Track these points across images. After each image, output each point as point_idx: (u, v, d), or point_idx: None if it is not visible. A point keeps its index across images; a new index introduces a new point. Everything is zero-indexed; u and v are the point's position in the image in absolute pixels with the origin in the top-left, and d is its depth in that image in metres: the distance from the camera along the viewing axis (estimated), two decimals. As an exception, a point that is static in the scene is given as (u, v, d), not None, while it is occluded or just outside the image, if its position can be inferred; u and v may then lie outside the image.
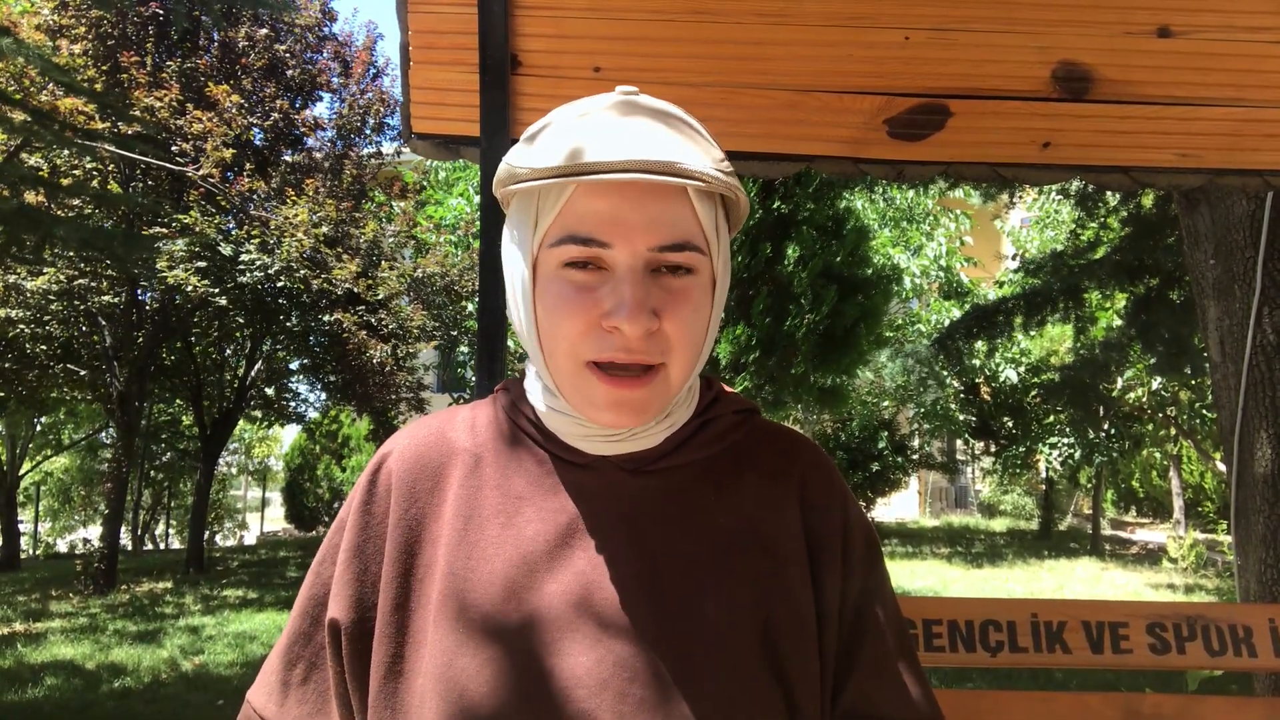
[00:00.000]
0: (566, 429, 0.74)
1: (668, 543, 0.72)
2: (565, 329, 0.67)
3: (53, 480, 18.74)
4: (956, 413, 15.34)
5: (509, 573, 0.70)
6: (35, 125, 5.75)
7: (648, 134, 0.66)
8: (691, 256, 0.68)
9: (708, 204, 0.70)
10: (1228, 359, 3.34)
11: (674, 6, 1.61)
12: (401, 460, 0.77)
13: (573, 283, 0.67)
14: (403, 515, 0.74)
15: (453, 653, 0.68)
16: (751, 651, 0.70)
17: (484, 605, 0.69)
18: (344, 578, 0.74)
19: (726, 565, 0.73)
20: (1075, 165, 1.67)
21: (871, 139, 1.64)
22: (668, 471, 0.75)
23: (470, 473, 0.76)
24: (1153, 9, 1.63)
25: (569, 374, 0.69)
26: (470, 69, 1.57)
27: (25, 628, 7.63)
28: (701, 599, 0.70)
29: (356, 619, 0.73)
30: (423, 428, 0.80)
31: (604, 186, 0.66)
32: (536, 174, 0.67)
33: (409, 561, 0.73)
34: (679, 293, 0.68)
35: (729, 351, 8.02)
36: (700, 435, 0.77)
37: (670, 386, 0.70)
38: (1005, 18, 1.62)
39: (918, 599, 1.97)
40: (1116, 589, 9.89)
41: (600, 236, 0.66)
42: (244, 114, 9.92)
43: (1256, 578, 3.23)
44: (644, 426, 0.73)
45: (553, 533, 0.72)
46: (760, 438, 0.81)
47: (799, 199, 8.32)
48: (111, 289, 9.86)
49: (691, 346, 0.70)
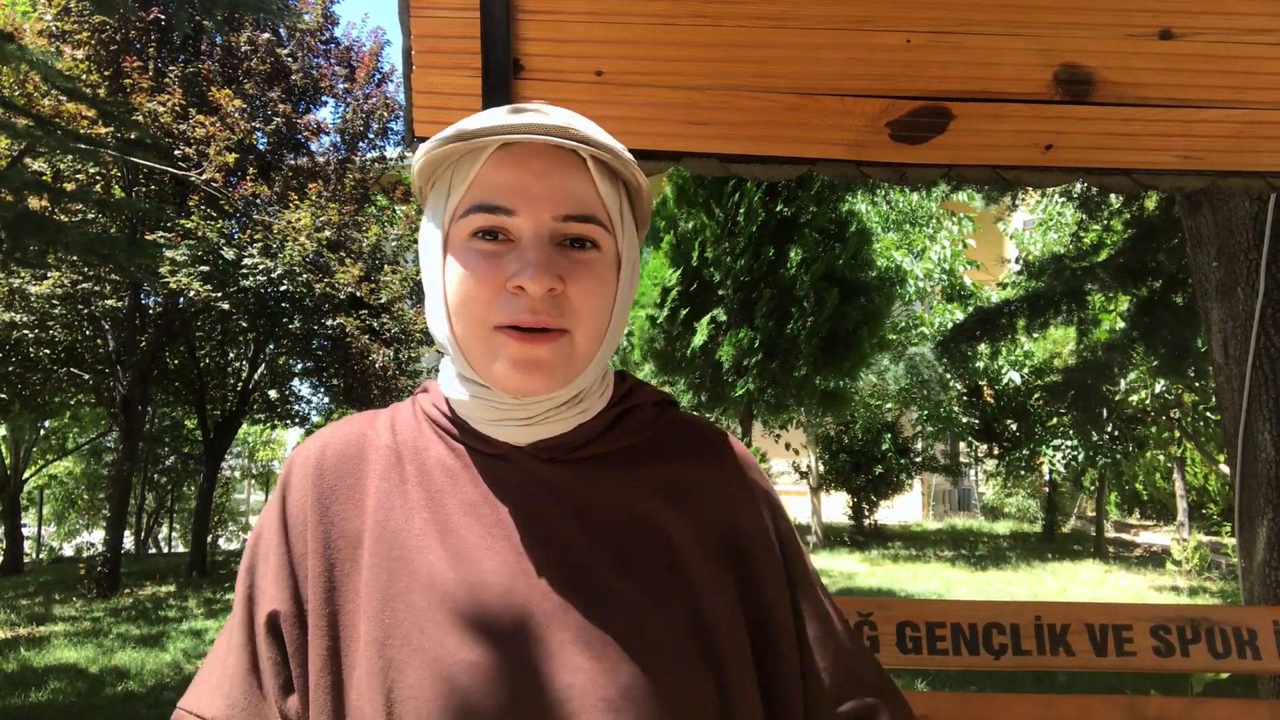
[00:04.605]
0: (479, 415, 0.74)
1: (587, 533, 0.73)
2: (473, 294, 0.69)
3: (56, 484, 18.76)
4: (959, 415, 15.33)
5: (433, 566, 0.70)
6: (38, 131, 5.77)
7: (549, 110, 0.71)
8: (595, 230, 0.70)
9: (611, 186, 0.73)
10: (1231, 361, 3.34)
11: (676, 10, 1.61)
12: (321, 458, 0.77)
13: (480, 251, 0.69)
14: (325, 512, 0.75)
15: (382, 644, 0.68)
16: (678, 640, 0.70)
17: (410, 598, 0.69)
18: (278, 572, 0.74)
19: (647, 555, 0.73)
20: (1077, 167, 1.67)
21: (873, 142, 1.64)
22: (585, 462, 0.76)
23: (390, 469, 0.76)
24: (1154, 11, 1.63)
25: (479, 340, 0.70)
26: (473, 73, 1.57)
27: (28, 631, 7.63)
28: (623, 589, 0.71)
29: (295, 611, 0.73)
30: (343, 427, 0.81)
31: (510, 158, 0.69)
32: (439, 141, 0.69)
33: (332, 557, 0.73)
34: (583, 263, 0.70)
35: (731, 354, 8.02)
36: (617, 427, 0.78)
37: (576, 354, 0.71)
38: (1007, 20, 1.62)
39: (921, 602, 1.97)
40: (1120, 591, 9.87)
41: (505, 204, 0.69)
42: (247, 118, 9.95)
43: (1261, 580, 3.22)
44: (554, 408, 0.73)
45: (474, 525, 0.72)
46: (678, 429, 0.82)
47: (801, 202, 8.33)
48: (115, 293, 9.88)
49: (596, 317, 0.71)
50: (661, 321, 8.17)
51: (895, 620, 1.85)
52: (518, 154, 0.69)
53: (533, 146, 0.69)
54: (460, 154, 0.71)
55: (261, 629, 0.73)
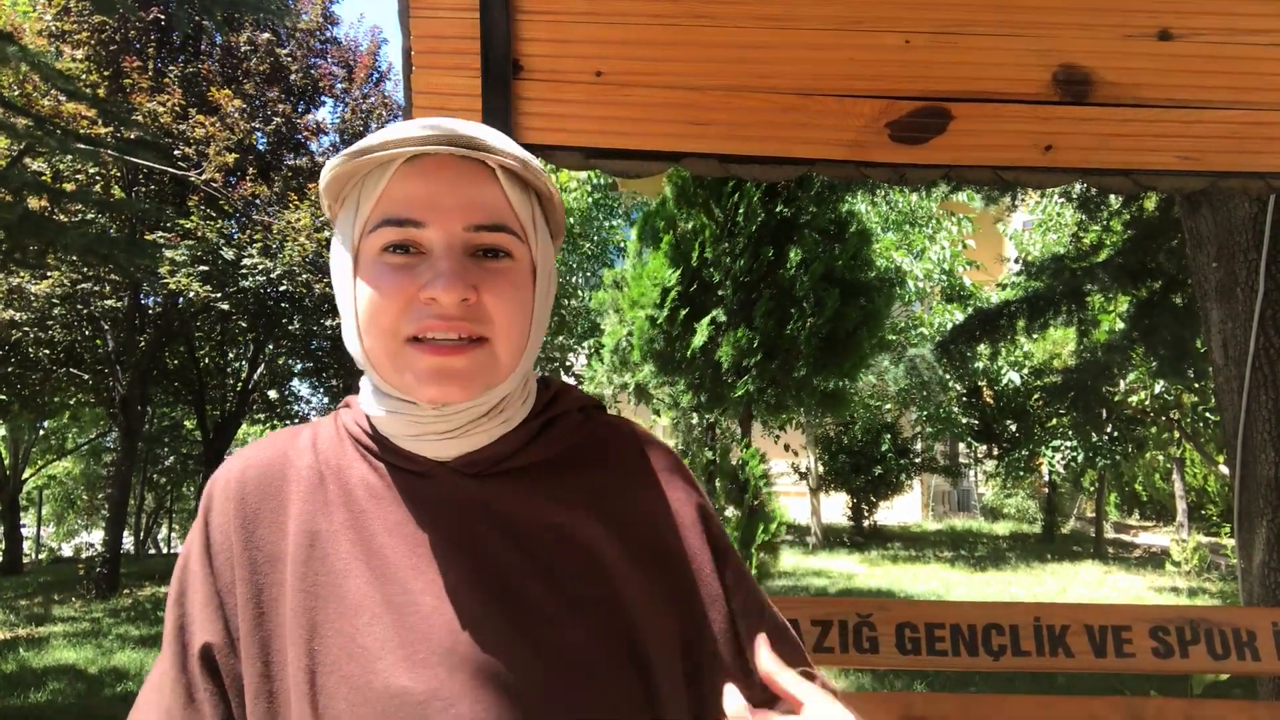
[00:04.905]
0: (399, 430, 0.73)
1: (512, 547, 0.72)
2: (384, 307, 0.68)
3: (55, 484, 18.77)
4: (959, 416, 15.33)
5: (360, 590, 0.70)
6: (38, 131, 5.78)
7: (455, 122, 0.70)
8: (507, 239, 0.70)
9: (522, 195, 0.73)
10: (1230, 362, 3.34)
11: (675, 10, 1.61)
12: (243, 481, 0.76)
13: (390, 264, 0.69)
14: (249, 536, 0.74)
15: (312, 672, 0.68)
16: (606, 648, 0.70)
17: (338, 624, 0.69)
18: (207, 602, 0.73)
19: (573, 567, 0.73)
20: (1077, 168, 1.67)
21: (873, 142, 1.64)
22: (509, 475, 0.75)
23: (313, 490, 0.75)
24: (1153, 12, 1.63)
25: (391, 354, 0.69)
26: (472, 74, 1.57)
27: (28, 632, 7.63)
28: (549, 603, 0.71)
29: (227, 642, 0.72)
30: (263, 448, 0.79)
31: (418, 170, 0.69)
32: (348, 156, 0.68)
33: (259, 582, 0.72)
34: (498, 272, 0.70)
35: (731, 355, 8.02)
36: (542, 436, 0.77)
37: (497, 362, 0.70)
38: (1006, 21, 1.63)
39: (920, 603, 1.97)
40: (1119, 592, 9.87)
41: (415, 216, 0.68)
42: (246, 118, 9.95)
43: (1260, 581, 3.22)
44: (474, 419, 0.72)
45: (400, 545, 0.72)
46: (605, 434, 0.82)
47: (801, 202, 8.33)
48: (114, 293, 9.88)
49: (516, 324, 0.71)
50: (661, 322, 8.17)
51: (894, 621, 1.85)
52: (426, 166, 0.69)
53: (440, 158, 0.69)
54: (367, 169, 0.70)
55: (195, 661, 0.72)
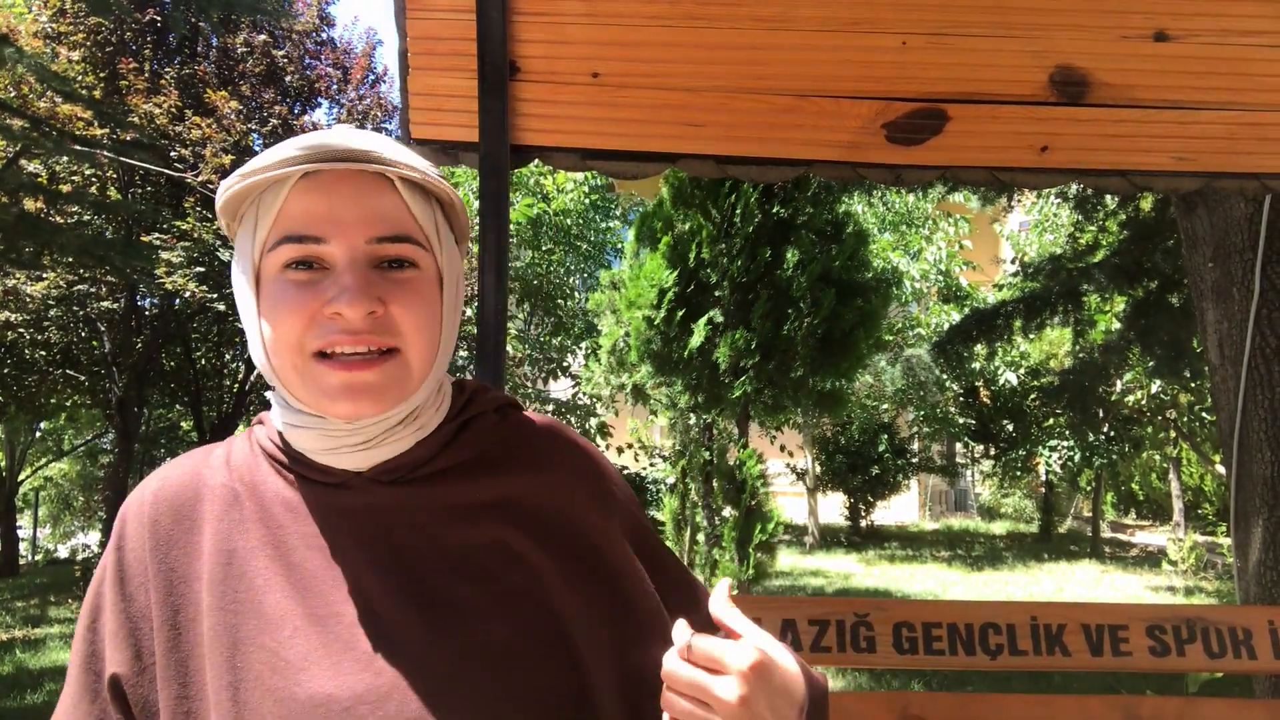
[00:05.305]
0: (312, 444, 0.73)
1: (432, 551, 0.72)
2: (288, 324, 0.67)
3: (52, 486, 18.73)
4: (956, 416, 15.35)
5: (280, 604, 0.70)
6: (34, 132, 5.77)
7: (350, 134, 0.69)
8: (411, 249, 0.70)
9: (424, 204, 0.72)
10: (1226, 361, 3.35)
11: (671, 12, 1.61)
12: (156, 504, 0.75)
13: (293, 281, 0.68)
14: (164, 559, 0.73)
15: (235, 689, 0.68)
16: (534, 640, 0.71)
17: (259, 640, 0.69)
18: (118, 630, 0.72)
19: (494, 566, 0.73)
20: (1073, 169, 1.68)
21: (869, 143, 1.64)
22: (426, 479, 0.75)
23: (228, 508, 0.74)
24: (1149, 13, 1.63)
25: (299, 371, 0.68)
26: (469, 75, 1.57)
27: (24, 633, 7.61)
28: (472, 602, 0.71)
29: (138, 669, 0.71)
30: (176, 468, 0.78)
31: (315, 185, 0.68)
32: (242, 175, 0.68)
33: (175, 603, 0.72)
34: (403, 283, 0.69)
35: (728, 355, 8.02)
36: (458, 439, 0.77)
37: (410, 373, 0.70)
38: (1002, 23, 1.63)
39: (917, 602, 1.97)
40: (1116, 592, 9.88)
41: (315, 232, 0.67)
42: (242, 120, 9.93)
43: (1256, 580, 3.23)
44: (388, 429, 0.72)
45: (318, 557, 0.71)
46: (522, 434, 0.81)
47: (798, 203, 8.33)
48: (111, 295, 9.87)
49: (425, 333, 0.70)
50: (658, 323, 8.17)
51: (892, 621, 1.85)
52: (323, 181, 0.68)
53: (337, 173, 0.68)
54: (262, 188, 0.69)
55: (105, 692, 0.72)
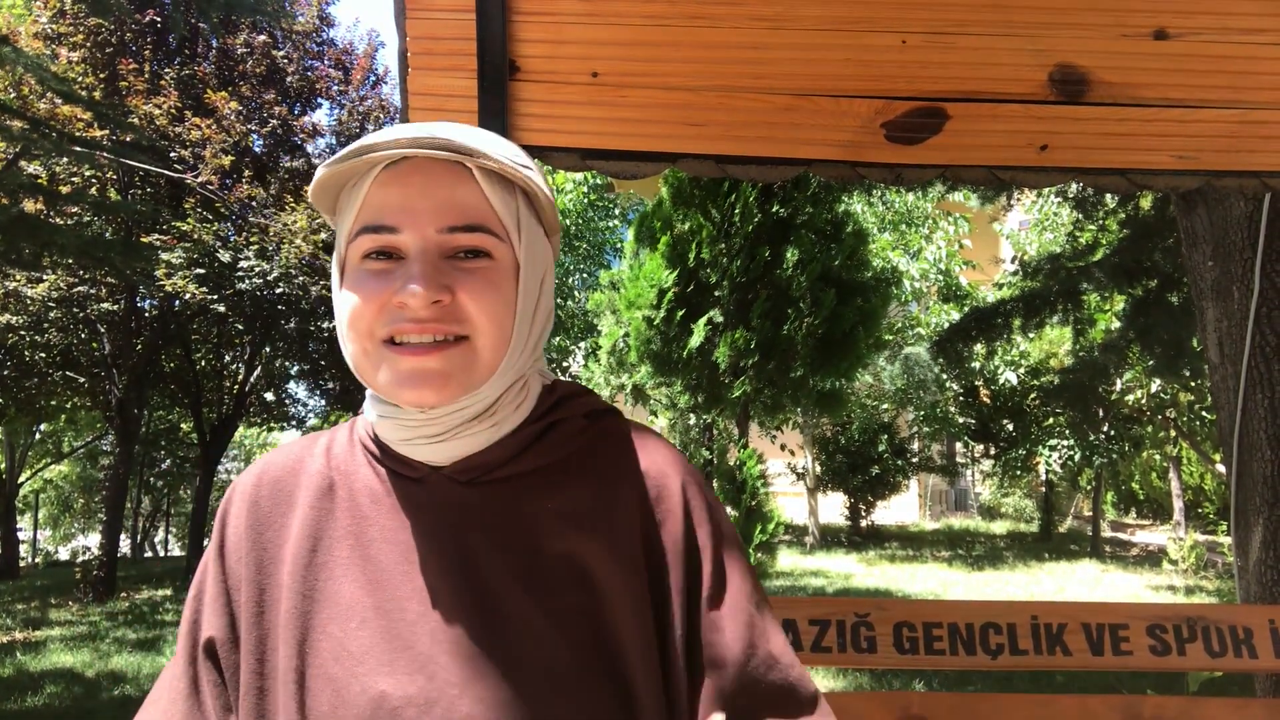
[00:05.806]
0: (392, 434, 0.75)
1: (498, 556, 0.72)
2: (360, 312, 0.70)
3: (52, 488, 18.72)
4: (956, 416, 15.35)
5: (353, 594, 0.72)
6: (34, 133, 5.76)
7: (429, 125, 0.70)
8: (484, 239, 0.70)
9: (504, 193, 0.73)
10: (1226, 360, 3.34)
11: (671, 11, 1.61)
12: (259, 485, 0.79)
13: (370, 271, 0.70)
14: (258, 538, 0.77)
15: (301, 673, 0.70)
16: (585, 662, 0.71)
17: (329, 628, 0.71)
18: (216, 598, 0.77)
19: (557, 578, 0.72)
20: (1073, 168, 1.67)
21: (869, 142, 1.64)
22: (503, 481, 0.75)
23: (321, 496, 0.77)
24: (1149, 11, 1.63)
25: (371, 356, 0.70)
26: (469, 75, 1.57)
27: (25, 635, 7.61)
28: (530, 613, 0.71)
29: (231, 638, 0.75)
30: (282, 453, 0.82)
31: (394, 176, 0.70)
32: (327, 165, 0.70)
33: (263, 582, 0.75)
34: (474, 272, 0.70)
35: (728, 355, 8.02)
36: (541, 442, 0.77)
37: (478, 361, 0.70)
38: (1002, 21, 1.63)
39: (918, 602, 1.97)
40: (1117, 591, 9.88)
41: (390, 222, 0.69)
42: (242, 121, 9.94)
43: (1257, 579, 3.23)
44: (463, 422, 0.73)
45: (394, 552, 0.73)
46: (609, 442, 0.80)
47: (798, 203, 8.34)
48: (110, 296, 9.86)
49: (495, 323, 0.70)
50: (658, 323, 8.17)
51: (892, 621, 1.85)
52: (401, 172, 0.70)
53: (416, 162, 0.70)
54: (349, 179, 0.72)
55: (201, 654, 0.76)
